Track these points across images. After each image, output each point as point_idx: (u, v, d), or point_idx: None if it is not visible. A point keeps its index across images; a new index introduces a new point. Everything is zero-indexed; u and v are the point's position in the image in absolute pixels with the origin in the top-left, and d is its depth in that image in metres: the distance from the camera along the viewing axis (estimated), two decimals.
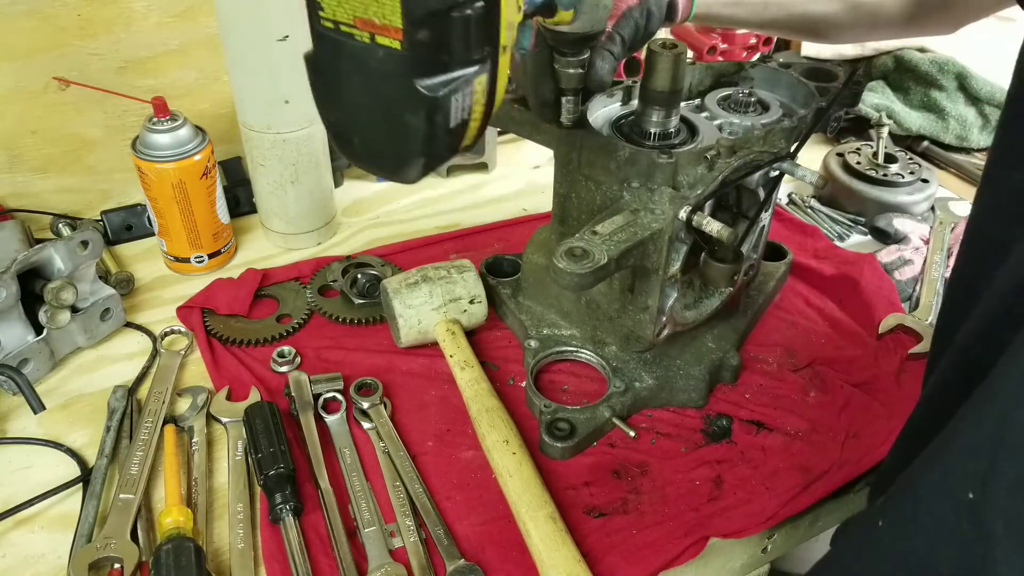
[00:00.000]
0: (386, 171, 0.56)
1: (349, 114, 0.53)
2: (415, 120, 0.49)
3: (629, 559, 0.63)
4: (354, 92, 0.51)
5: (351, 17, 0.47)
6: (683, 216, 0.63)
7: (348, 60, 0.50)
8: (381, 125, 0.52)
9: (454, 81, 0.49)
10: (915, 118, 1.26)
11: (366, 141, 0.54)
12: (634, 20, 0.66)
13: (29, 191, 0.98)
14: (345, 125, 0.54)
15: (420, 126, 0.50)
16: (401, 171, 0.54)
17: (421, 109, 0.49)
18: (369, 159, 0.56)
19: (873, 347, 0.86)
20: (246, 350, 0.82)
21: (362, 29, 0.47)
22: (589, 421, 0.72)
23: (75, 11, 0.91)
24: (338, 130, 0.55)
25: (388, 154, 0.54)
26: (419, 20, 0.46)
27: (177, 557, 0.58)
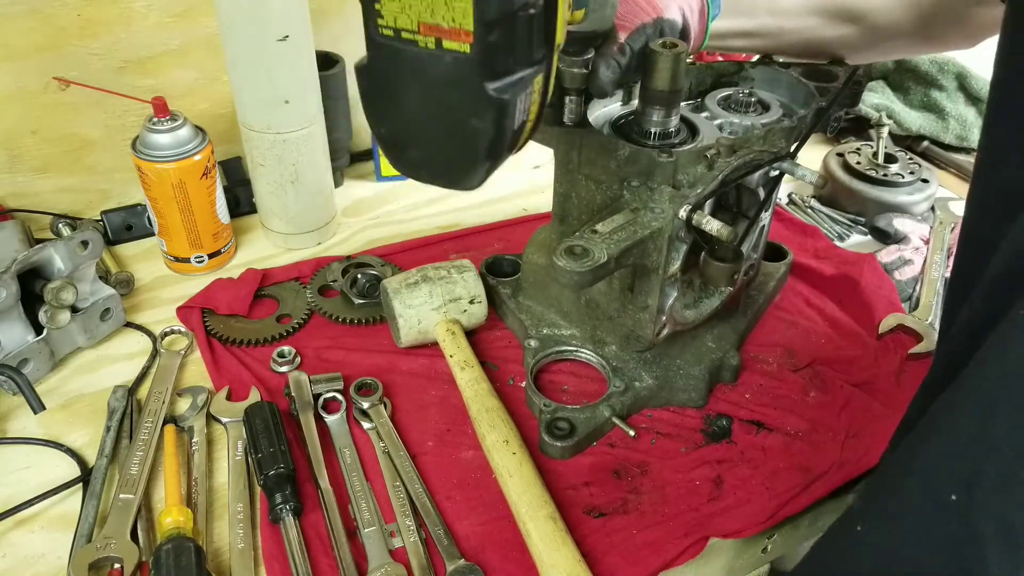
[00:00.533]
0: (447, 180, 0.55)
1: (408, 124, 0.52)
2: (483, 124, 0.49)
3: (629, 559, 0.63)
4: (415, 101, 0.50)
5: (415, 23, 0.47)
6: (683, 215, 0.63)
7: (410, 67, 0.49)
8: (445, 132, 0.51)
9: (519, 82, 0.49)
10: (915, 118, 1.26)
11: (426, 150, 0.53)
12: (646, 37, 0.66)
13: (29, 191, 0.98)
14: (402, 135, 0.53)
15: (488, 130, 0.49)
16: (465, 178, 0.53)
17: (490, 113, 0.48)
18: (429, 169, 0.55)
19: (873, 347, 0.86)
20: (246, 350, 0.82)
21: (427, 35, 0.47)
22: (589, 421, 0.72)
23: (75, 11, 0.91)
24: (393, 141, 0.54)
25: (450, 162, 0.53)
26: (491, 22, 0.45)
27: (177, 557, 0.58)
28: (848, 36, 0.78)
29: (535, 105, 0.52)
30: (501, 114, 0.49)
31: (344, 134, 1.09)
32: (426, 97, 0.50)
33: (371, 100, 0.53)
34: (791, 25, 0.77)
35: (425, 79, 0.49)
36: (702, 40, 0.73)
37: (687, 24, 0.69)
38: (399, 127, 0.53)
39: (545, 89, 0.52)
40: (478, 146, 0.50)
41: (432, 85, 0.49)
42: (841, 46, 0.79)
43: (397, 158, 0.55)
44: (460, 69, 0.47)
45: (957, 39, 0.79)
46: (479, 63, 0.47)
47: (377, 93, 0.52)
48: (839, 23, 0.77)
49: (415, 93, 0.50)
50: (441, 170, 0.54)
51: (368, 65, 0.51)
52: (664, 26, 0.67)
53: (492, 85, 0.48)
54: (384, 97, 0.52)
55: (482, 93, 0.48)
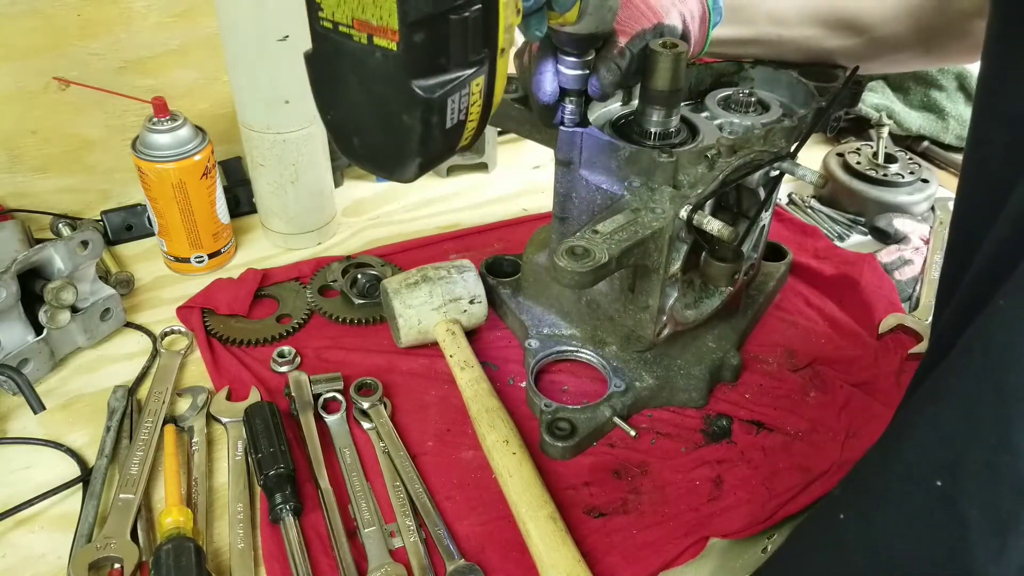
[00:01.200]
0: (384, 170, 0.56)
1: (348, 113, 0.53)
2: (411, 120, 0.50)
3: (629, 559, 0.63)
4: (352, 92, 0.51)
5: (349, 18, 0.48)
6: (684, 215, 0.63)
7: (346, 60, 0.50)
8: (378, 125, 0.52)
9: (451, 83, 0.50)
10: (915, 118, 1.26)
11: (364, 140, 0.54)
12: (646, 42, 0.66)
13: (29, 191, 0.98)
14: (344, 124, 0.54)
15: (416, 126, 0.50)
16: (398, 170, 0.54)
17: (416, 109, 0.49)
18: (367, 158, 0.56)
19: (873, 347, 0.86)
20: (246, 350, 0.82)
21: (360, 30, 0.48)
22: (589, 421, 0.72)
23: (75, 11, 0.91)
24: (337, 129, 0.55)
25: (386, 154, 0.54)
26: (415, 23, 0.46)
27: (177, 557, 0.58)
28: (849, 47, 0.78)
29: (476, 106, 0.52)
30: (428, 112, 0.49)
31: None
32: (361, 89, 0.51)
33: (317, 88, 0.54)
34: (792, 34, 0.77)
35: (360, 72, 0.50)
36: (702, 47, 0.73)
37: (687, 30, 0.69)
38: (341, 115, 0.54)
39: (489, 91, 0.53)
40: (407, 141, 0.51)
41: (366, 78, 0.50)
42: (842, 56, 0.79)
43: (342, 145, 0.56)
44: (389, 65, 0.48)
45: (958, 53, 0.79)
46: (405, 61, 0.47)
47: (321, 82, 0.53)
48: (840, 34, 0.77)
49: (353, 84, 0.51)
50: (378, 161, 0.56)
51: (313, 55, 0.52)
52: (664, 32, 0.67)
53: (419, 83, 0.48)
54: (328, 87, 0.53)
55: (409, 90, 0.48)
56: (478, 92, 0.52)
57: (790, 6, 0.78)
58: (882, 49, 0.78)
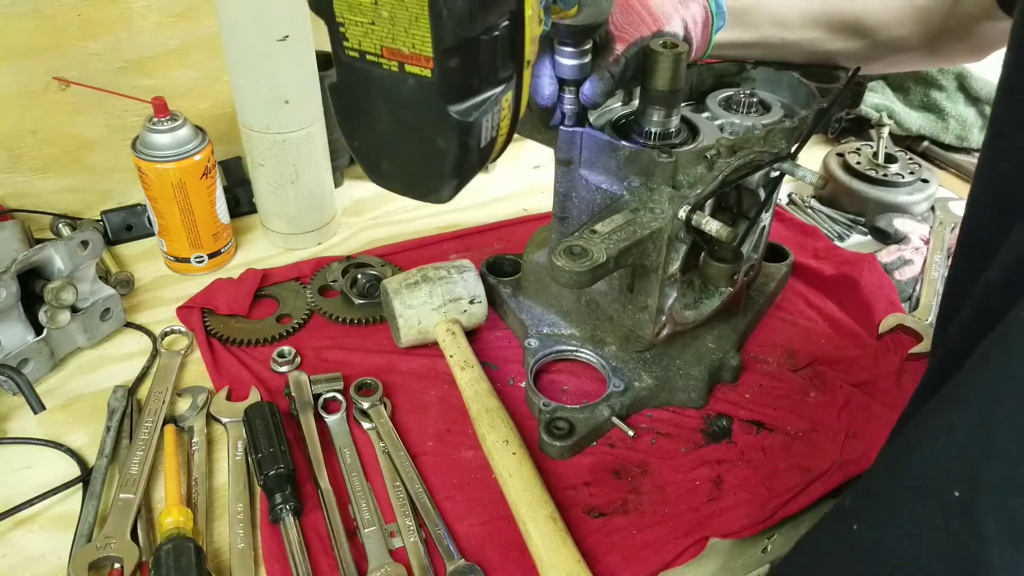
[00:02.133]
0: (417, 194, 0.56)
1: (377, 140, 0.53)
2: (448, 144, 0.49)
3: (629, 559, 0.63)
4: (382, 119, 0.51)
5: (378, 47, 0.47)
6: (683, 215, 0.63)
7: (375, 88, 0.49)
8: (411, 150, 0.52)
9: (484, 103, 0.49)
10: (915, 118, 1.26)
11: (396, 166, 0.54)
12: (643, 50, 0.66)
13: (29, 191, 0.98)
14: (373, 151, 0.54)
15: (452, 149, 0.50)
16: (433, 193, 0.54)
17: (453, 134, 0.49)
18: (399, 183, 0.55)
19: (873, 347, 0.86)
20: (246, 350, 0.82)
21: (390, 58, 0.47)
22: (588, 420, 0.72)
23: (75, 11, 0.91)
24: (366, 156, 0.55)
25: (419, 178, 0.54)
26: (450, 49, 0.46)
27: (177, 557, 0.58)
28: (852, 49, 0.77)
29: (505, 120, 0.52)
30: (465, 135, 0.49)
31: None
32: (393, 116, 0.50)
33: (343, 116, 0.53)
34: (794, 37, 0.77)
35: (391, 100, 0.50)
36: (705, 51, 0.73)
37: (689, 36, 0.69)
38: (370, 143, 0.53)
39: (516, 104, 0.53)
40: (444, 164, 0.51)
41: (398, 106, 0.50)
42: (845, 59, 0.79)
43: (371, 171, 0.55)
44: (423, 92, 0.48)
45: (963, 54, 0.79)
46: (440, 88, 0.47)
47: (348, 110, 0.53)
48: (843, 36, 0.77)
49: (383, 112, 0.50)
50: (411, 184, 0.55)
51: (338, 83, 0.52)
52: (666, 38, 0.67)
53: (455, 108, 0.48)
54: (355, 114, 0.52)
55: (445, 115, 0.48)
56: (507, 107, 0.52)
57: (793, 9, 0.78)
58: (886, 51, 0.78)
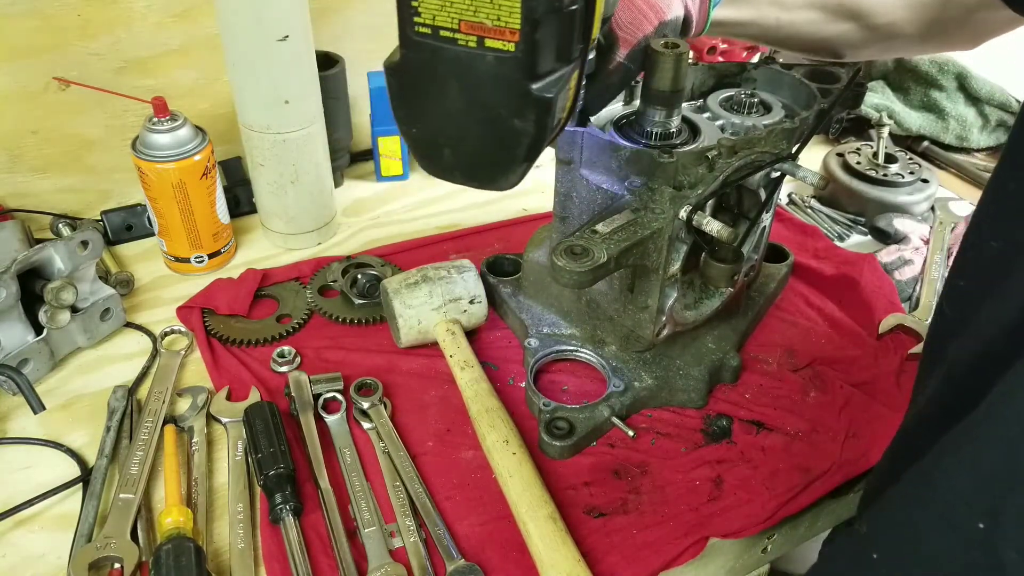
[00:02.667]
0: (482, 180, 0.53)
1: (444, 125, 0.50)
2: (525, 124, 0.47)
3: (629, 559, 0.63)
4: (450, 101, 0.48)
5: (455, 21, 0.45)
6: (683, 216, 0.63)
7: (446, 67, 0.47)
8: (481, 133, 0.49)
9: (559, 80, 0.47)
10: (915, 118, 1.26)
11: (460, 152, 0.51)
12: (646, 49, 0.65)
13: (29, 191, 0.98)
14: (434, 137, 0.51)
15: (528, 130, 0.47)
16: (500, 178, 0.51)
17: (531, 112, 0.47)
18: (462, 171, 0.53)
19: (873, 347, 0.86)
20: (246, 350, 0.82)
21: (468, 33, 0.45)
22: (588, 420, 0.72)
23: (75, 11, 0.91)
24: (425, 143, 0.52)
25: (488, 163, 0.51)
26: (538, 20, 0.44)
27: (177, 557, 0.58)
28: (848, 32, 0.77)
29: (569, 102, 0.50)
30: (544, 114, 0.47)
31: (344, 134, 1.09)
32: (465, 97, 0.48)
33: (403, 100, 0.51)
34: (791, 17, 0.76)
35: (464, 79, 0.47)
36: (703, 28, 0.72)
37: (689, 15, 0.69)
38: (433, 128, 0.51)
39: (579, 86, 0.51)
40: (519, 147, 0.48)
41: (472, 85, 0.47)
42: (841, 42, 0.79)
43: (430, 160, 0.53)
44: (503, 68, 0.45)
45: (959, 41, 0.79)
46: (524, 62, 0.45)
47: (410, 93, 0.50)
48: (840, 19, 0.77)
49: (453, 93, 0.48)
50: (477, 171, 0.52)
51: (401, 64, 0.49)
52: (665, 31, 0.66)
53: (536, 85, 0.46)
54: (418, 97, 0.50)
55: (526, 93, 0.46)
56: (573, 87, 0.50)
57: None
58: (881, 35, 0.77)
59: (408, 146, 0.55)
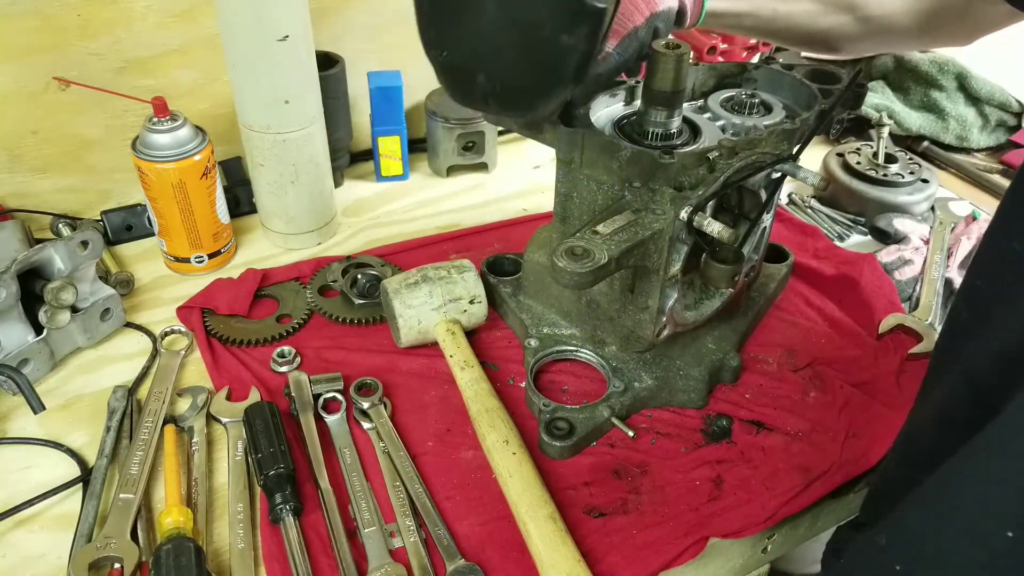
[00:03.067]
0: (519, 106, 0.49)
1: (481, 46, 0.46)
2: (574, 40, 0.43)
3: (629, 559, 0.63)
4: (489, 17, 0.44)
5: None
6: (684, 216, 0.63)
7: None
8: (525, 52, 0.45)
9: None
10: (915, 118, 1.26)
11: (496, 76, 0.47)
12: (639, 41, 0.65)
13: (29, 191, 0.98)
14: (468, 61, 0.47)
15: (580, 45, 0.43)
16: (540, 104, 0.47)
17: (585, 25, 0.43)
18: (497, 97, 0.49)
19: (873, 347, 0.86)
20: (246, 350, 0.82)
21: None
22: (588, 420, 0.72)
23: (75, 11, 0.91)
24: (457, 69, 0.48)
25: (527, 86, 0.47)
26: None
27: (177, 557, 0.58)
28: (845, 25, 0.77)
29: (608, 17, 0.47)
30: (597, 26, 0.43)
31: (344, 134, 1.09)
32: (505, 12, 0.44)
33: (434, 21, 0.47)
34: (787, 9, 0.76)
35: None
36: (697, 19, 0.72)
37: (683, 7, 0.68)
38: (468, 50, 0.47)
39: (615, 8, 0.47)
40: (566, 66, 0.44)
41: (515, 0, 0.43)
42: (837, 35, 0.78)
43: (462, 87, 0.49)
44: None
45: (956, 35, 0.78)
46: None
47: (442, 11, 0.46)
48: (837, 11, 0.77)
49: (492, 8, 0.44)
50: (515, 97, 0.49)
51: None
52: (657, 22, 0.66)
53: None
54: (451, 15, 0.46)
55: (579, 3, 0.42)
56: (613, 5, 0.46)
57: None
58: (877, 28, 0.77)
59: (437, 73, 0.51)
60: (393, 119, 1.08)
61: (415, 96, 1.16)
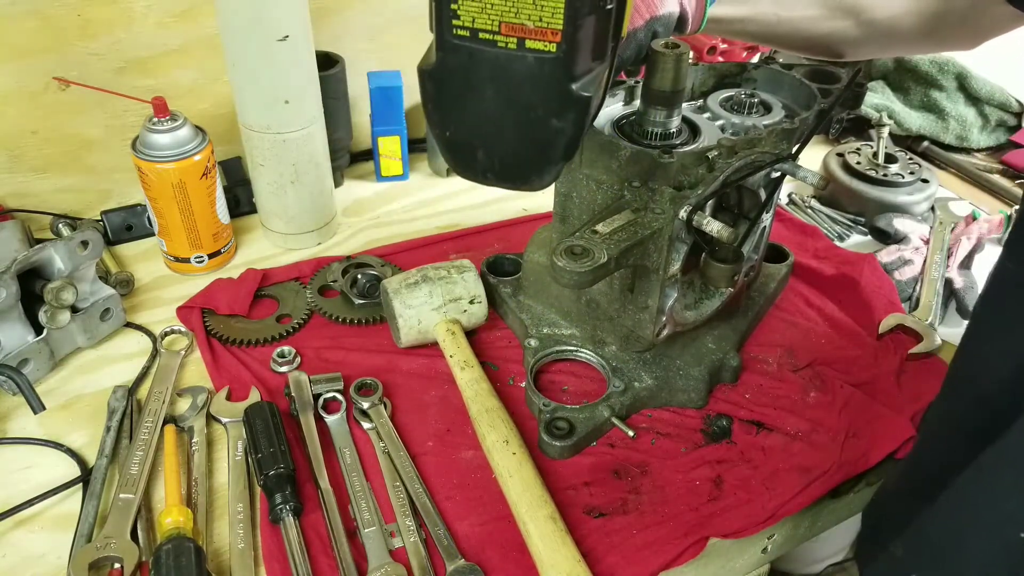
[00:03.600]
0: (516, 181, 0.54)
1: (481, 127, 0.50)
2: (563, 124, 0.48)
3: (629, 559, 0.63)
4: (487, 103, 0.49)
5: (495, 24, 0.46)
6: (683, 216, 0.63)
7: (484, 69, 0.47)
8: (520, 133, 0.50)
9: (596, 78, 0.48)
10: (915, 118, 1.26)
11: (495, 153, 0.52)
12: (637, 43, 0.65)
13: (29, 191, 0.98)
14: (470, 139, 0.52)
15: (568, 130, 0.48)
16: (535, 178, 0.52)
17: (572, 113, 0.47)
18: (496, 172, 0.53)
19: (873, 347, 0.86)
20: (246, 350, 0.82)
21: (508, 35, 0.46)
22: (588, 420, 0.72)
23: (75, 11, 0.91)
24: (459, 145, 0.52)
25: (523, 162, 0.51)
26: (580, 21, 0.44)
27: (177, 557, 0.58)
28: (848, 29, 0.77)
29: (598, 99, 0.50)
30: (583, 112, 0.47)
31: (344, 134, 1.09)
32: (503, 98, 0.48)
33: (439, 104, 0.51)
34: (790, 15, 0.76)
35: (503, 80, 0.47)
36: (699, 25, 0.72)
37: (685, 12, 0.68)
38: (469, 130, 0.51)
39: (607, 83, 0.51)
40: (556, 146, 0.49)
41: (511, 86, 0.47)
42: (840, 40, 0.79)
43: (464, 162, 0.53)
44: (544, 69, 0.46)
45: (959, 39, 0.78)
46: (565, 63, 0.45)
47: (447, 96, 0.50)
48: (839, 16, 0.77)
49: (490, 95, 0.48)
50: (512, 172, 0.53)
51: (438, 67, 0.49)
52: (656, 26, 0.66)
53: (576, 84, 0.46)
54: (454, 100, 0.50)
55: (567, 93, 0.46)
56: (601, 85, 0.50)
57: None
58: (881, 32, 0.77)
59: (441, 150, 0.55)
60: (393, 119, 1.08)
61: (415, 96, 1.15)
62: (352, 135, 1.12)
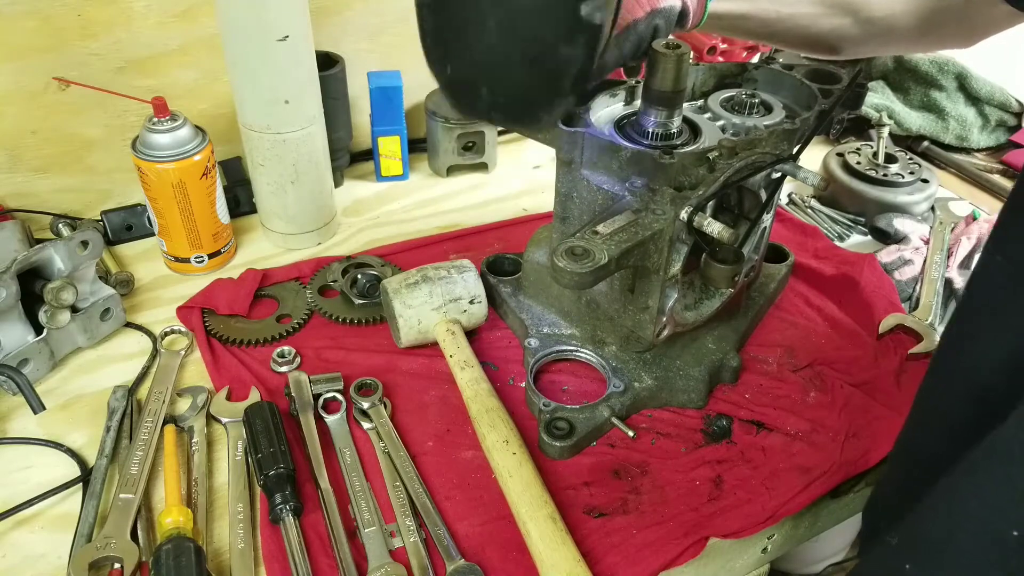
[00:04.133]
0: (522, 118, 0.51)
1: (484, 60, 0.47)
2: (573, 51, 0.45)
3: (629, 559, 0.63)
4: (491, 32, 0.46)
5: None
6: (684, 217, 0.63)
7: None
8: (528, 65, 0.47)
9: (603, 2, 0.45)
10: (915, 118, 1.26)
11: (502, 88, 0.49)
12: (638, 35, 0.65)
13: (29, 191, 0.98)
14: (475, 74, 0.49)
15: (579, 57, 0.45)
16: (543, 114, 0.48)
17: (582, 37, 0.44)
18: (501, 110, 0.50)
19: (873, 347, 0.86)
20: (246, 350, 0.82)
21: None
22: (588, 420, 0.72)
23: (75, 11, 0.91)
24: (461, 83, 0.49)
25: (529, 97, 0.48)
26: None
27: (177, 557, 0.58)
28: (846, 27, 0.77)
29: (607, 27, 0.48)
30: (594, 37, 0.45)
31: (344, 134, 1.09)
32: (507, 26, 0.45)
33: (439, 38, 0.48)
34: (789, 11, 0.76)
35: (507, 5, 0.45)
36: (700, 20, 0.72)
37: (686, 7, 0.68)
38: (471, 65, 0.48)
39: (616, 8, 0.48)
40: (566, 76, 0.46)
41: (516, 12, 0.45)
42: (838, 37, 0.79)
43: (466, 101, 0.50)
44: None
45: (956, 36, 0.79)
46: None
47: (447, 29, 0.47)
48: (838, 13, 0.77)
49: (493, 23, 0.46)
50: (518, 108, 0.50)
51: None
52: (657, 19, 0.66)
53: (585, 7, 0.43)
54: (455, 32, 0.47)
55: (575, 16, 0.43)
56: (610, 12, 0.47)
57: None
58: (878, 30, 0.77)
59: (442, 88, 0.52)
60: (393, 119, 1.08)
61: (415, 96, 1.16)
62: (352, 135, 1.12)
